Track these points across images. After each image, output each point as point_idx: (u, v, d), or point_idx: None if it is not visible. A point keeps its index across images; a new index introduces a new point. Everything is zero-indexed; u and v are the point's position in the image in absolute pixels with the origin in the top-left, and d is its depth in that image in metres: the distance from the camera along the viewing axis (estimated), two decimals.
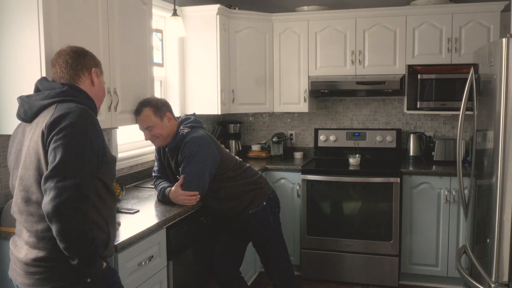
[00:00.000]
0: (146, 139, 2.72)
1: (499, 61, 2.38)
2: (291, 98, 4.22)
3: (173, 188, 2.61)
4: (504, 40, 2.34)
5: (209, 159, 2.66)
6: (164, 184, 2.73)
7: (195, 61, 3.85)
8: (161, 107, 2.67)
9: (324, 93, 4.20)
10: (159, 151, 2.87)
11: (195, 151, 2.61)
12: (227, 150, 2.95)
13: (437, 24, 3.82)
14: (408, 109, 3.95)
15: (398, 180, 3.66)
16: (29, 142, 1.68)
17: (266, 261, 3.01)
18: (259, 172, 3.02)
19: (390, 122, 4.38)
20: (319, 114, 4.55)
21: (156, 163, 2.92)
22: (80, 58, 1.81)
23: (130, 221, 2.31)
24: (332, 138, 4.36)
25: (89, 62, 1.84)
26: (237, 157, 3.00)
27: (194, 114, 2.87)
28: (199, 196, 2.61)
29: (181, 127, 2.72)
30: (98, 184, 1.70)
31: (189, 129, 2.71)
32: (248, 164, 2.99)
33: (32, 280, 1.64)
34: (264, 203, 2.86)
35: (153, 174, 2.91)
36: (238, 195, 2.80)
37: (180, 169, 2.66)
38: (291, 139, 4.61)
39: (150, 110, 2.64)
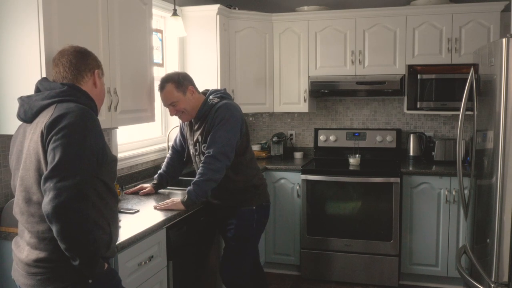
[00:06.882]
0: (172, 114, 2.73)
1: (499, 61, 2.38)
2: (291, 98, 4.22)
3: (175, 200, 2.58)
4: (504, 40, 2.34)
5: (238, 128, 2.63)
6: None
7: (195, 61, 3.85)
8: (182, 81, 2.66)
9: (324, 93, 4.20)
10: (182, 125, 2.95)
11: (228, 116, 2.59)
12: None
13: (437, 24, 3.82)
14: (408, 109, 3.95)
15: (398, 180, 3.66)
16: (29, 143, 1.67)
17: (224, 260, 2.83)
18: (265, 179, 2.95)
19: (390, 122, 4.38)
20: (319, 114, 4.55)
21: (177, 135, 2.99)
22: (84, 58, 1.81)
23: (130, 221, 2.30)
24: (332, 138, 4.36)
25: (92, 63, 1.84)
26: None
27: (224, 89, 2.86)
28: None
29: (211, 97, 2.70)
30: (99, 184, 1.70)
31: (219, 99, 2.69)
32: (259, 167, 2.93)
33: (34, 281, 1.64)
34: (254, 207, 2.75)
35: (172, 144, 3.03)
36: (239, 189, 2.72)
37: (209, 136, 2.60)
38: (291, 139, 4.61)
39: (172, 85, 2.64)
